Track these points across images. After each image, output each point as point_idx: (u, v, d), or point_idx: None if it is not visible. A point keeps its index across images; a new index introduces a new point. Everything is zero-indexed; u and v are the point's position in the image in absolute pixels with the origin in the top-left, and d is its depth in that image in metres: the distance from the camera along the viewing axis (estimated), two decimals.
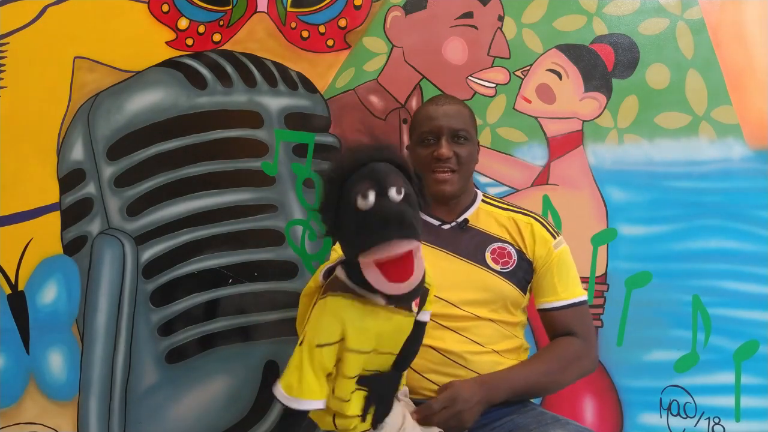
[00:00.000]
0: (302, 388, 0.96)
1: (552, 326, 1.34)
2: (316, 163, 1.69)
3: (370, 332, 0.97)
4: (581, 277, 1.64)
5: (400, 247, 0.88)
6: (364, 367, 1.01)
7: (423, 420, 1.12)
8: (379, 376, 1.04)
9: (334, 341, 0.96)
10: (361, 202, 0.89)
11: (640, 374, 1.66)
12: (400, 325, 1.02)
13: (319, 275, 1.06)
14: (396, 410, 1.10)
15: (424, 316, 1.09)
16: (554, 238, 1.35)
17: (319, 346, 0.96)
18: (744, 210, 1.67)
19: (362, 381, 1.01)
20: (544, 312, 1.35)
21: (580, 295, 1.35)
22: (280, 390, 0.98)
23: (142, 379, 1.66)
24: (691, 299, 1.66)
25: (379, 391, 1.04)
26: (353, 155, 0.95)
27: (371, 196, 0.89)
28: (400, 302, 0.97)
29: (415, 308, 1.03)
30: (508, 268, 1.31)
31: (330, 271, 1.04)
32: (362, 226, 0.89)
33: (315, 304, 1.03)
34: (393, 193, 0.90)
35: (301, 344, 0.99)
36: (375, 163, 0.93)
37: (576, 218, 1.68)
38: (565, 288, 1.33)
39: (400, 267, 0.90)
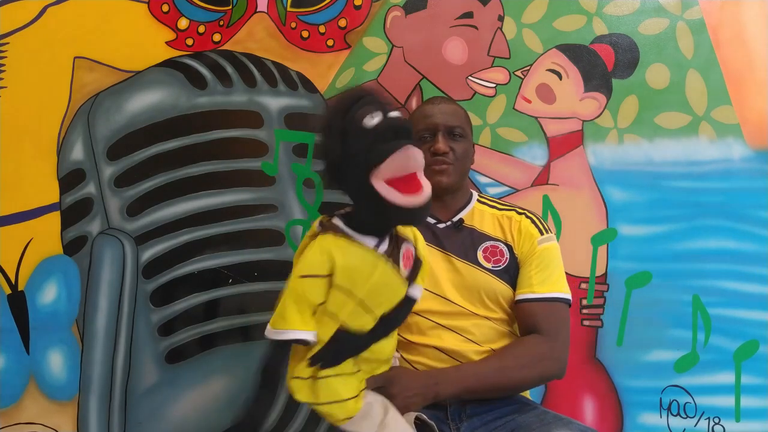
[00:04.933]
0: (283, 320, 0.98)
1: (522, 319, 1.30)
2: (316, 163, 1.69)
3: (355, 272, 0.99)
4: (581, 277, 1.65)
5: (415, 153, 0.94)
6: (347, 319, 1.01)
7: None
8: (347, 333, 1.03)
9: (318, 274, 0.98)
10: (368, 120, 0.94)
11: (640, 374, 1.66)
12: (385, 276, 1.02)
13: (315, 225, 1.08)
14: (378, 402, 1.10)
15: (415, 291, 1.10)
16: (541, 234, 1.34)
17: (302, 276, 0.98)
18: (744, 210, 1.67)
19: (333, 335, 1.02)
20: (518, 305, 1.31)
21: (558, 292, 1.30)
22: (268, 328, 1.00)
23: (142, 379, 1.66)
24: (691, 299, 1.66)
25: (339, 343, 1.03)
26: (351, 92, 1.00)
27: (378, 115, 0.95)
28: (413, 217, 0.99)
29: (403, 268, 1.04)
30: (500, 266, 1.31)
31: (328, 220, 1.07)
32: (374, 140, 0.94)
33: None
34: (393, 112, 0.97)
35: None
36: (371, 94, 0.99)
37: (576, 218, 1.68)
38: (541, 282, 1.30)
39: (412, 181, 0.95)
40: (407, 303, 1.09)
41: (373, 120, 0.94)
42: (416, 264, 1.09)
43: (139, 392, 1.66)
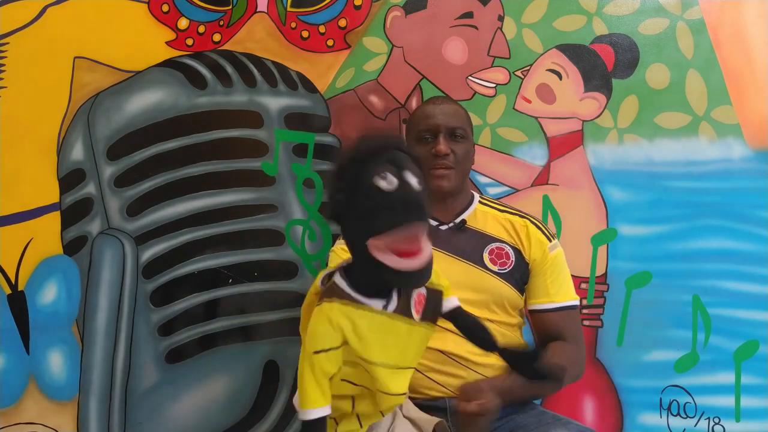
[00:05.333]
0: (307, 399, 0.95)
1: (542, 328, 1.33)
2: (316, 163, 1.69)
3: (365, 339, 0.96)
4: (581, 277, 1.65)
5: (419, 230, 0.90)
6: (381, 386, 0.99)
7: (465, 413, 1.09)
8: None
9: (331, 347, 0.95)
10: (382, 183, 0.89)
11: (640, 374, 1.66)
12: (398, 333, 0.99)
13: (318, 282, 1.06)
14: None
15: (452, 302, 1.06)
16: (549, 240, 1.35)
17: (317, 352, 0.95)
18: (744, 210, 1.67)
19: None
20: (534, 313, 1.34)
21: (572, 299, 1.35)
22: (297, 405, 0.98)
23: (142, 379, 1.66)
24: (691, 299, 1.66)
25: None
26: (374, 141, 0.95)
27: (393, 178, 0.89)
28: (408, 282, 0.96)
29: (416, 315, 1.01)
30: (506, 269, 1.31)
31: (329, 277, 1.03)
32: (382, 207, 0.89)
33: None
34: (411, 178, 0.91)
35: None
36: (395, 150, 0.94)
37: (576, 218, 1.68)
38: (557, 291, 1.33)
39: (411, 244, 0.91)
40: (457, 312, 1.05)
41: (385, 183, 0.89)
42: (438, 300, 1.06)
43: (139, 392, 1.66)
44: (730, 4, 1.70)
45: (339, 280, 0.99)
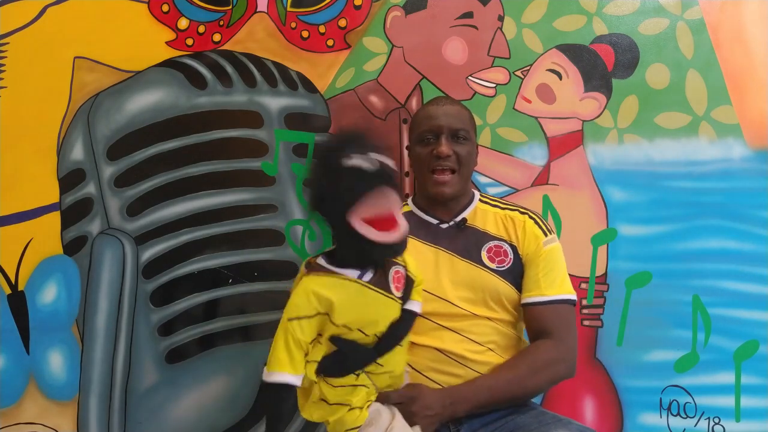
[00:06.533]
0: (272, 361, 1.04)
1: (530, 322, 1.31)
2: None
3: (342, 303, 1.05)
4: (581, 277, 1.65)
5: (389, 195, 1.03)
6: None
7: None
8: (353, 342, 1.09)
9: (306, 315, 1.05)
10: (351, 161, 1.02)
11: (640, 374, 1.66)
12: (373, 300, 1.08)
13: (302, 268, 1.16)
14: (385, 409, 1.11)
15: (413, 306, 1.16)
16: (545, 235, 1.34)
17: (291, 319, 1.05)
18: (744, 210, 1.67)
19: (334, 340, 1.07)
20: (525, 307, 1.32)
21: (565, 293, 1.31)
22: (263, 369, 1.06)
23: (142, 379, 1.66)
24: (691, 299, 1.66)
25: (346, 351, 1.08)
26: (343, 134, 1.09)
27: (361, 157, 1.02)
28: (386, 253, 1.07)
29: (395, 291, 1.10)
30: (504, 266, 1.31)
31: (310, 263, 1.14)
32: (354, 180, 1.01)
33: None
34: (378, 156, 1.04)
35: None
36: (364, 138, 1.08)
37: (576, 218, 1.68)
38: (549, 284, 1.31)
39: (389, 220, 1.04)
40: (407, 317, 1.15)
41: (355, 161, 1.02)
42: (408, 283, 1.16)
43: (139, 392, 1.66)
44: (730, 4, 1.70)
45: (319, 260, 1.12)
